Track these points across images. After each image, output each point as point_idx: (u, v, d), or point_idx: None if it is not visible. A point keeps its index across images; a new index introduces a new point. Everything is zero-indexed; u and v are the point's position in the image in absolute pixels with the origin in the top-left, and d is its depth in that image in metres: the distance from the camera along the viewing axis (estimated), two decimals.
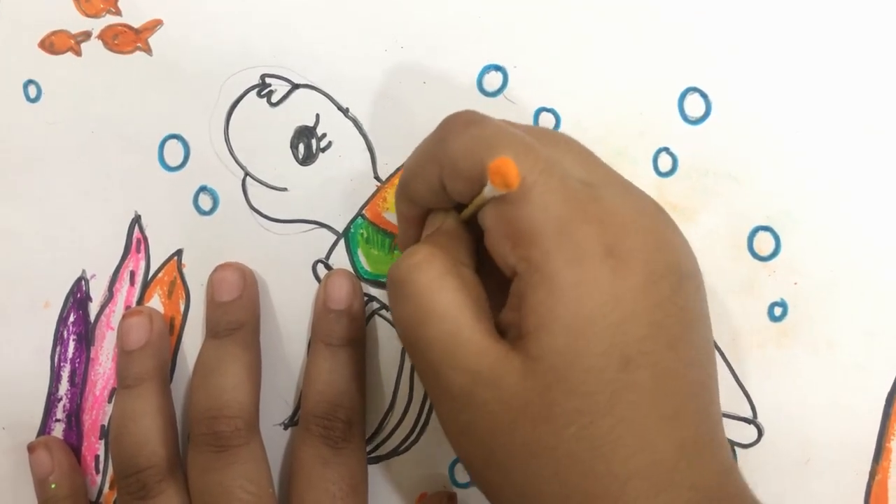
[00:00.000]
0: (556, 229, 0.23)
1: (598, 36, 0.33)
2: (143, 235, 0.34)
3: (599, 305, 0.23)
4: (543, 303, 0.23)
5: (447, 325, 0.24)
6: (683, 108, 0.33)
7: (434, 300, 0.24)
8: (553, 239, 0.23)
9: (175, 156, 0.34)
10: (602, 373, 0.23)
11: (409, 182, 0.28)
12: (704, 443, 0.24)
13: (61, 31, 0.34)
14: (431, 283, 0.25)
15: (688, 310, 0.24)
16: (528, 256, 0.23)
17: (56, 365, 0.34)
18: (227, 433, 0.30)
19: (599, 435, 0.22)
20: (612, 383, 0.23)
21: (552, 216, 0.23)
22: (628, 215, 0.24)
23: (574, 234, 0.23)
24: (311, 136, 0.33)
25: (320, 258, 0.33)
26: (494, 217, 0.24)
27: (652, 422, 0.23)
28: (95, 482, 0.34)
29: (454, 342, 0.24)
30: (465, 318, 0.24)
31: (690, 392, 0.24)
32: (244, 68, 0.34)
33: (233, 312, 0.32)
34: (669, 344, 0.23)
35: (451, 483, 0.33)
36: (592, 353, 0.23)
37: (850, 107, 0.32)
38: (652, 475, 0.23)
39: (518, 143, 0.24)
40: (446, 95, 0.33)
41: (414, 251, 0.25)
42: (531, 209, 0.23)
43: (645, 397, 0.23)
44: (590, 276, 0.23)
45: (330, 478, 0.30)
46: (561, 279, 0.23)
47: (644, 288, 0.23)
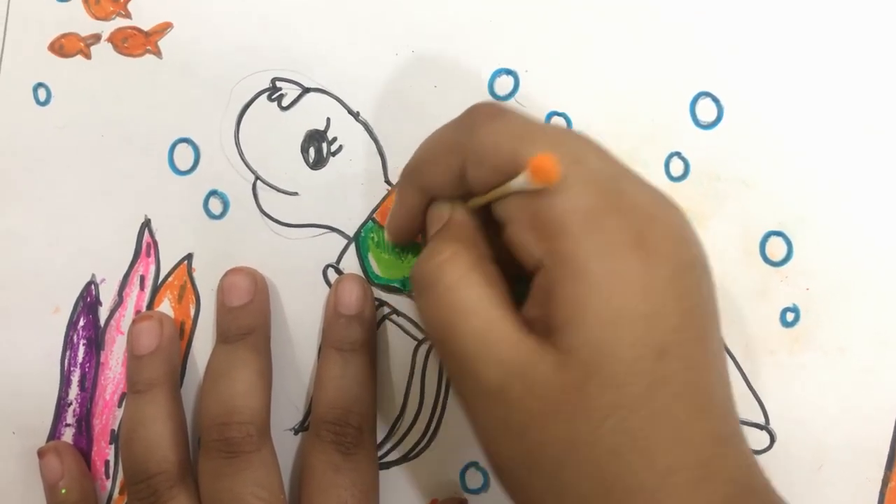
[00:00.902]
0: (584, 220, 0.23)
1: (610, 40, 0.33)
2: (153, 239, 0.34)
3: (631, 296, 0.22)
4: (574, 295, 0.23)
5: (478, 321, 0.24)
6: (695, 113, 0.33)
7: (463, 297, 0.24)
8: (582, 230, 0.23)
9: (185, 159, 0.34)
10: (637, 364, 0.22)
11: (422, 169, 0.27)
12: (732, 434, 0.24)
13: (71, 33, 0.34)
14: (459, 280, 0.24)
15: (710, 302, 0.24)
16: (557, 249, 0.23)
17: (66, 369, 0.34)
18: (239, 439, 0.30)
19: (637, 428, 0.22)
20: (648, 375, 0.22)
21: (581, 207, 0.23)
22: (652, 208, 0.24)
23: (603, 225, 0.23)
24: (322, 140, 0.33)
25: (331, 263, 0.33)
26: (519, 208, 0.24)
27: (687, 414, 0.23)
28: (105, 487, 0.34)
29: (486, 337, 0.24)
30: (496, 313, 0.24)
31: (718, 383, 0.24)
32: (255, 72, 0.33)
33: (243, 317, 0.32)
34: (698, 335, 0.23)
35: (462, 489, 0.33)
36: (626, 345, 0.22)
37: (862, 112, 0.32)
38: (690, 468, 0.22)
39: (549, 135, 0.24)
40: (457, 99, 0.33)
41: (438, 249, 0.25)
42: (560, 200, 0.23)
43: (679, 389, 0.23)
44: (621, 267, 0.23)
45: (341, 484, 0.30)
46: (592, 270, 0.22)
47: (672, 279, 0.23)
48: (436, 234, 0.27)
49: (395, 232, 0.30)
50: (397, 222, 0.30)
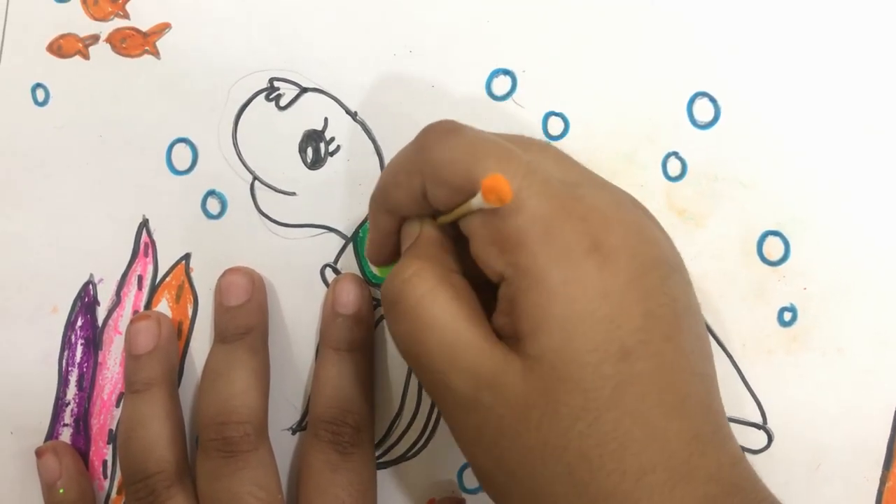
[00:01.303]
0: (541, 231, 0.23)
1: (607, 40, 0.33)
2: (150, 239, 0.34)
3: (590, 301, 0.23)
4: (535, 304, 0.23)
5: (445, 334, 0.24)
6: (692, 113, 0.33)
7: (429, 312, 0.25)
8: (539, 240, 0.23)
9: (183, 160, 0.34)
10: (601, 367, 0.23)
11: (387, 192, 0.28)
12: (713, 433, 0.24)
13: (69, 34, 0.34)
14: (424, 297, 0.25)
15: (678, 301, 0.24)
16: (516, 261, 0.23)
17: (64, 369, 0.34)
18: (236, 439, 0.30)
19: (606, 430, 0.22)
20: (613, 377, 0.23)
21: (537, 218, 0.23)
22: (610, 211, 0.24)
23: (559, 232, 0.23)
24: (320, 140, 0.33)
25: (329, 262, 0.33)
26: (479, 225, 0.24)
27: (659, 413, 0.23)
28: (103, 487, 0.34)
29: (454, 349, 0.24)
30: (462, 325, 0.24)
31: (692, 382, 0.24)
32: (252, 72, 0.34)
33: (241, 317, 0.32)
34: (665, 334, 0.23)
35: (459, 488, 0.33)
36: (589, 349, 0.23)
37: (859, 112, 0.32)
38: (665, 469, 0.22)
39: (499, 149, 0.24)
40: (455, 99, 0.33)
41: (403, 267, 0.26)
42: (517, 214, 0.23)
43: (648, 388, 0.23)
44: (578, 273, 0.23)
45: (339, 483, 0.30)
46: (550, 279, 0.23)
47: (632, 281, 0.23)
48: (404, 251, 0.27)
49: (373, 257, 0.30)
50: (374, 247, 0.30)
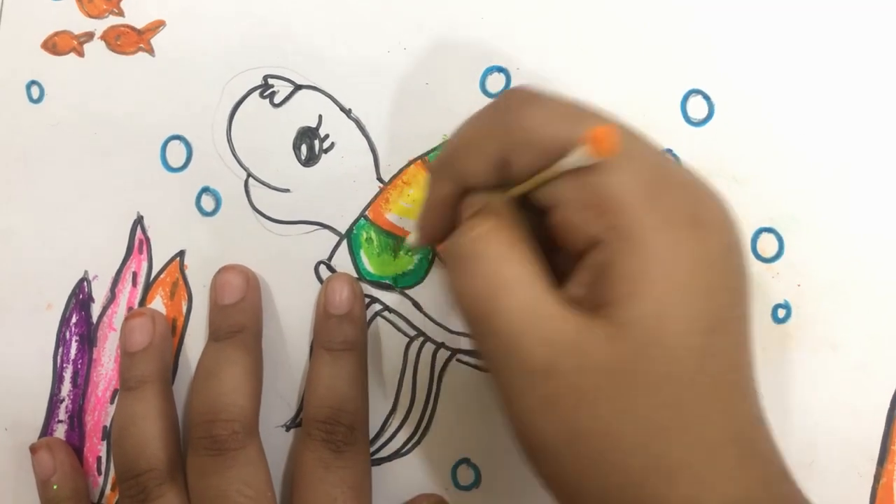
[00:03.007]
0: (644, 194, 0.23)
1: (601, 38, 0.33)
2: (145, 236, 0.34)
3: (690, 271, 0.23)
4: (635, 269, 0.22)
5: (523, 297, 0.23)
6: (686, 110, 0.33)
7: (505, 272, 0.24)
8: (642, 206, 0.23)
9: (177, 157, 0.34)
10: (691, 338, 0.22)
11: (457, 158, 0.26)
12: (764, 417, 0.24)
13: (64, 31, 0.34)
14: (502, 254, 0.24)
15: (749, 282, 0.25)
16: (617, 224, 0.23)
17: (58, 366, 0.34)
18: (224, 436, 0.30)
19: (688, 401, 0.22)
20: (700, 349, 0.22)
21: (640, 184, 0.23)
22: (701, 186, 0.25)
23: (662, 200, 0.23)
24: (314, 138, 0.33)
25: (323, 259, 0.33)
26: (571, 189, 0.24)
27: (731, 392, 0.23)
28: (97, 483, 0.34)
29: (532, 312, 0.23)
30: (540, 289, 0.23)
31: (752, 366, 0.24)
32: (247, 69, 0.34)
33: (234, 316, 0.32)
34: (743, 314, 0.24)
35: (453, 484, 0.33)
36: (683, 317, 0.22)
37: (853, 108, 0.32)
38: (735, 445, 0.22)
39: (595, 113, 0.24)
40: (449, 97, 0.33)
41: (476, 223, 0.25)
42: (619, 177, 0.23)
43: (725, 366, 0.23)
44: (681, 242, 0.23)
45: (332, 482, 0.30)
46: (654, 244, 0.22)
47: (724, 256, 0.23)
48: (472, 214, 0.26)
49: (427, 230, 0.29)
50: (429, 219, 0.28)
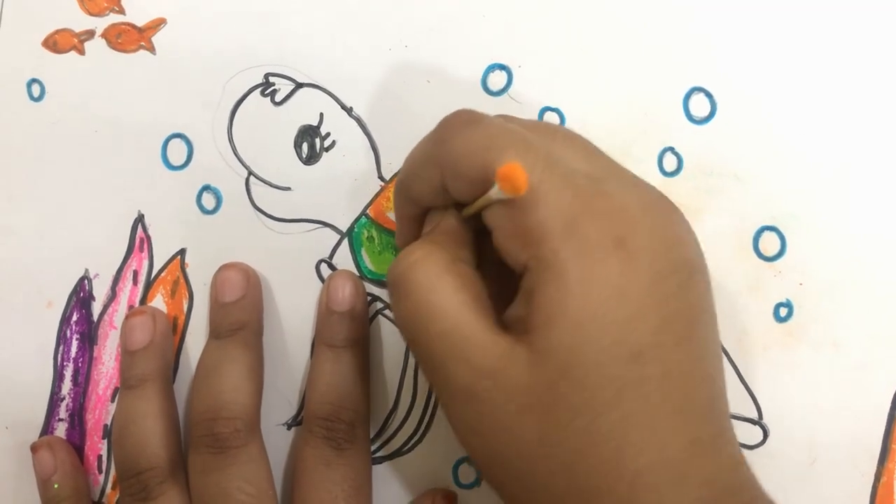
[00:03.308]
0: (563, 225, 0.23)
1: (604, 35, 0.33)
2: (146, 235, 0.34)
3: (607, 299, 0.23)
4: (552, 298, 0.23)
5: (448, 322, 0.24)
6: (689, 108, 0.33)
7: (434, 298, 0.24)
8: (561, 235, 0.23)
9: (178, 155, 0.34)
10: (609, 367, 0.22)
11: (409, 182, 0.27)
12: (714, 437, 0.24)
13: (65, 29, 0.34)
14: (430, 281, 0.25)
15: (696, 306, 0.24)
16: (538, 254, 0.23)
17: (59, 364, 0.34)
18: (226, 434, 0.30)
19: (607, 429, 0.22)
20: (620, 378, 0.22)
21: (558, 212, 0.23)
22: (636, 209, 0.24)
23: (581, 229, 0.23)
24: (315, 136, 0.33)
25: (324, 258, 0.33)
26: (501, 217, 0.24)
27: (661, 417, 0.23)
28: (98, 482, 0.34)
29: (456, 338, 0.24)
30: (466, 314, 0.24)
31: (699, 387, 0.24)
32: (248, 67, 0.34)
33: (235, 313, 0.32)
34: (677, 340, 0.23)
35: (454, 483, 0.33)
36: (599, 348, 0.22)
37: (855, 107, 0.32)
38: (662, 471, 0.22)
39: (518, 141, 0.24)
40: (451, 95, 0.33)
41: (411, 250, 0.25)
42: (539, 208, 0.23)
43: (653, 392, 0.23)
44: (598, 271, 0.23)
45: (333, 479, 0.30)
46: (569, 274, 0.23)
47: (652, 283, 0.23)
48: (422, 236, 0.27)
49: (399, 244, 0.30)
50: (399, 234, 0.30)
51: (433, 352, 0.24)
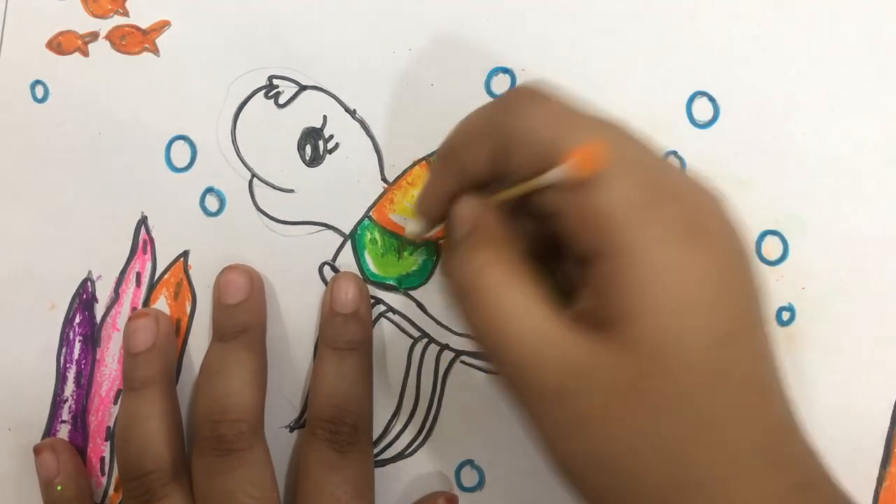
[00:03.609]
0: (638, 209, 0.23)
1: (607, 39, 0.33)
2: (149, 236, 0.34)
3: (692, 285, 0.22)
4: (635, 286, 0.22)
5: (528, 324, 0.23)
6: (691, 112, 0.33)
7: (508, 302, 0.24)
8: (638, 219, 0.23)
9: (182, 157, 0.34)
10: (701, 352, 0.22)
11: (456, 150, 0.27)
12: (794, 421, 0.24)
13: (69, 31, 0.34)
14: (499, 286, 0.24)
15: (760, 290, 0.24)
16: (612, 240, 0.23)
17: (62, 366, 0.34)
18: (231, 437, 0.30)
19: (704, 415, 0.22)
20: (711, 362, 0.22)
21: (632, 196, 0.23)
22: (701, 196, 0.24)
23: (658, 214, 0.23)
24: (319, 138, 0.33)
25: (327, 260, 0.33)
26: (567, 200, 0.24)
27: (751, 400, 0.22)
28: (101, 484, 0.34)
29: (537, 340, 0.23)
30: (544, 314, 0.23)
31: (775, 370, 0.24)
32: (251, 69, 0.34)
33: (239, 315, 0.32)
34: (754, 322, 0.23)
35: (457, 486, 0.33)
36: (690, 333, 0.22)
37: (858, 111, 0.32)
38: (758, 453, 0.22)
39: (591, 123, 0.24)
40: (454, 98, 0.33)
41: (472, 254, 0.25)
42: (610, 191, 0.23)
43: (742, 375, 0.22)
44: (680, 256, 0.22)
45: (336, 482, 0.30)
46: (651, 260, 0.22)
47: (729, 266, 0.23)
48: (465, 237, 0.26)
49: (421, 215, 0.29)
50: (426, 204, 0.29)
51: (516, 356, 0.23)
